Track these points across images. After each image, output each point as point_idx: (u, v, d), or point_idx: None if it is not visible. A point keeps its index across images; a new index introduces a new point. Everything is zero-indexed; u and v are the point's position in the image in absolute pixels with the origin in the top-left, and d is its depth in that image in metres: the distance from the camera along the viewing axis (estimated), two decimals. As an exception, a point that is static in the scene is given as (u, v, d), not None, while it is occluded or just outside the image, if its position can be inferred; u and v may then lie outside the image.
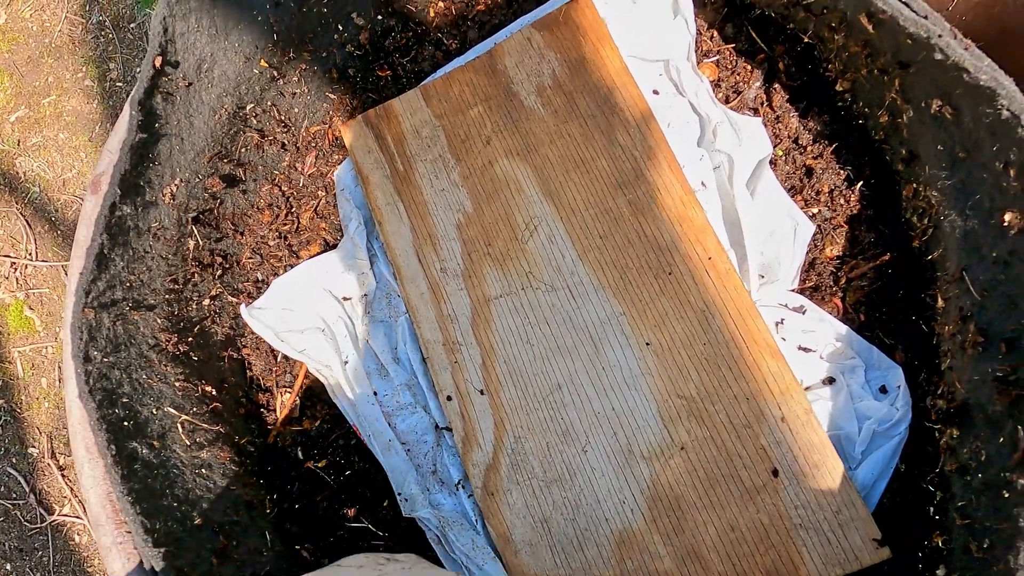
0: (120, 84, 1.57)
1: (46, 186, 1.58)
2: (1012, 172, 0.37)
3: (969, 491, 0.43)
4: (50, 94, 1.60)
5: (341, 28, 0.63)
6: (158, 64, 0.50)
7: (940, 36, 0.37)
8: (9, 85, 1.63)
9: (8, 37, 1.65)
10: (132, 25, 1.57)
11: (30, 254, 1.57)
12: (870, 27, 0.42)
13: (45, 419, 1.55)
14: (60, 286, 1.56)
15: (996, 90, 0.35)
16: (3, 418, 1.57)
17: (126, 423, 0.50)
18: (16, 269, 1.59)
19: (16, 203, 1.61)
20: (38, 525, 1.51)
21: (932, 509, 0.47)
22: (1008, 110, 0.35)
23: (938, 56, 0.37)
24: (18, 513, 1.55)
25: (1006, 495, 0.40)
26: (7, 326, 1.58)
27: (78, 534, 1.50)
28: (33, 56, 1.62)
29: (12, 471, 1.55)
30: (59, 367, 1.52)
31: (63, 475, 1.54)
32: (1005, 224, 0.39)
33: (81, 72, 1.59)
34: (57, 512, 1.50)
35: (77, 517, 1.51)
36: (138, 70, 1.57)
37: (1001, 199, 0.41)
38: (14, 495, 1.54)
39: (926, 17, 0.38)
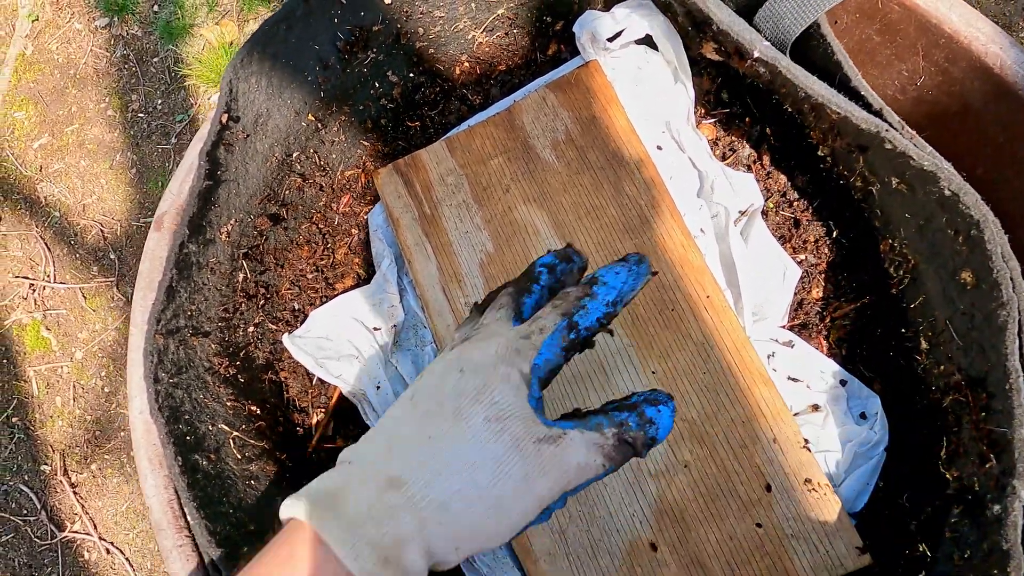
0: (142, 115, 1.64)
1: (66, 211, 1.64)
2: (960, 238, 0.44)
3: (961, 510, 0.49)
4: (73, 123, 1.67)
5: (378, 85, 0.70)
6: (224, 120, 0.57)
7: (888, 130, 0.44)
8: (34, 113, 1.70)
9: (35, 68, 1.72)
10: (155, 59, 1.65)
11: (48, 276, 1.63)
12: (834, 116, 0.50)
13: (58, 437, 1.58)
14: (77, 308, 1.61)
15: (936, 173, 0.43)
16: (17, 435, 1.61)
17: (188, 437, 0.55)
18: (34, 290, 1.64)
19: (36, 227, 1.66)
20: (48, 542, 1.54)
21: (915, 524, 0.53)
22: (949, 189, 0.42)
23: (887, 146, 0.45)
24: (28, 529, 1.58)
25: (987, 515, 0.46)
26: (24, 345, 1.62)
27: (88, 551, 1.53)
28: (58, 86, 1.69)
29: (24, 487, 1.58)
30: (74, 386, 1.56)
31: (75, 492, 1.58)
32: (963, 281, 0.46)
33: (104, 103, 1.66)
34: (68, 529, 1.54)
35: (87, 534, 1.54)
36: (160, 102, 1.64)
37: (957, 260, 0.48)
38: (25, 511, 1.57)
39: (880, 111, 0.45)
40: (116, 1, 1.68)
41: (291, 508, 0.34)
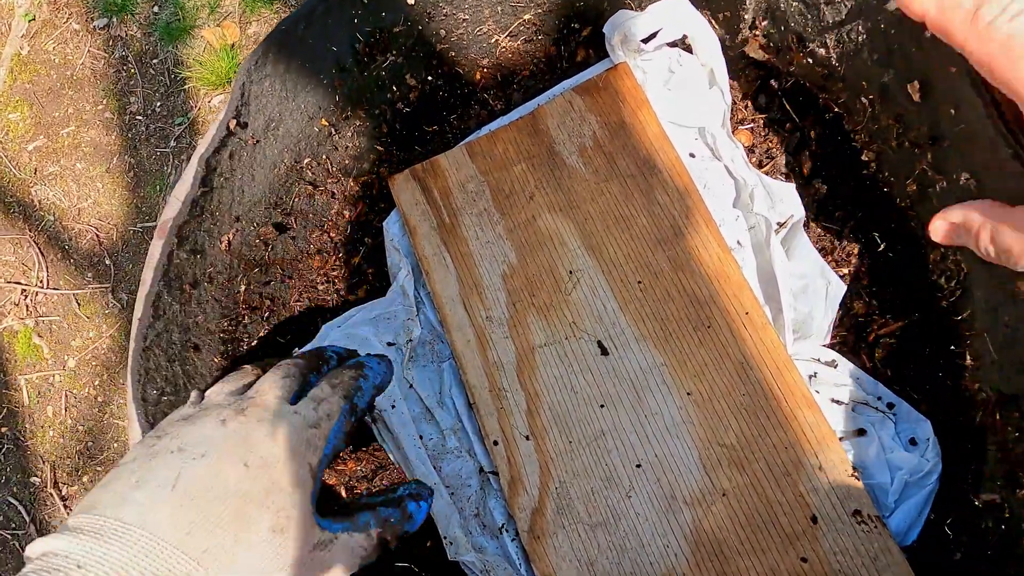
0: (140, 117, 1.60)
1: (61, 215, 1.60)
2: None
3: (995, 540, 0.47)
4: (69, 125, 1.63)
5: (395, 88, 0.66)
6: (232, 127, 0.53)
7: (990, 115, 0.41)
8: (29, 115, 1.66)
9: (30, 68, 1.68)
10: (155, 61, 1.61)
11: (41, 282, 1.58)
12: (916, 96, 0.46)
13: (49, 448, 1.53)
14: (71, 314, 1.56)
15: None
16: (6, 446, 1.56)
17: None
18: (27, 296, 1.59)
19: (30, 231, 1.62)
20: (37, 557, 1.48)
21: (959, 555, 0.50)
22: None
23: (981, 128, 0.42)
24: (16, 543, 1.52)
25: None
26: (15, 353, 1.57)
27: (77, 567, 1.47)
28: (54, 87, 1.65)
29: (12, 500, 1.53)
30: (66, 395, 1.52)
31: (65, 505, 1.52)
32: (1018, 291, 0.43)
33: (101, 104, 1.62)
34: (57, 544, 1.48)
35: (77, 549, 1.48)
36: (159, 104, 1.60)
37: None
38: (13, 525, 1.52)
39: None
40: (115, 1, 1.64)
41: None
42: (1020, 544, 0.46)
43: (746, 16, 0.56)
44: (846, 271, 0.58)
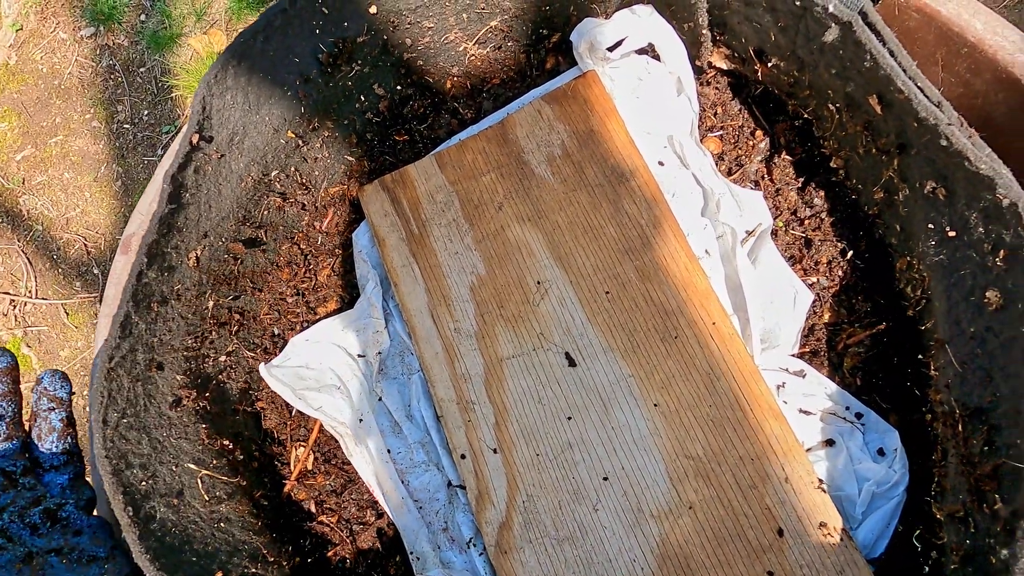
0: (127, 126, 1.60)
1: (49, 224, 1.59)
2: (1002, 253, 0.40)
3: (961, 555, 0.46)
4: (57, 134, 1.63)
5: (363, 98, 0.66)
6: (195, 141, 0.53)
7: (949, 124, 0.40)
8: (16, 124, 1.66)
9: (18, 78, 1.68)
10: (142, 69, 1.61)
11: (30, 292, 1.58)
12: (878, 108, 0.46)
13: (38, 458, 1.52)
14: (59, 324, 1.56)
15: (994, 179, 0.39)
16: (-5, 457, 1.55)
17: (144, 483, 0.51)
18: (15, 306, 1.59)
19: (18, 241, 1.62)
20: (27, 567, 1.48)
21: (927, 568, 0.50)
22: (1007, 199, 0.38)
23: (943, 142, 0.41)
24: (6, 555, 1.51)
25: (992, 561, 0.43)
26: (4, 364, 1.56)
27: (67, 577, 1.47)
28: (42, 97, 1.65)
29: (2, 511, 1.52)
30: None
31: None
32: (985, 301, 0.43)
33: (89, 113, 1.62)
34: (47, 554, 1.47)
35: (67, 559, 1.48)
36: (146, 113, 1.60)
37: (983, 277, 0.44)
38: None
39: (939, 104, 0.41)
40: (102, 11, 1.64)
41: None
42: (988, 559, 0.45)
43: (704, 30, 0.56)
44: (814, 279, 0.57)
